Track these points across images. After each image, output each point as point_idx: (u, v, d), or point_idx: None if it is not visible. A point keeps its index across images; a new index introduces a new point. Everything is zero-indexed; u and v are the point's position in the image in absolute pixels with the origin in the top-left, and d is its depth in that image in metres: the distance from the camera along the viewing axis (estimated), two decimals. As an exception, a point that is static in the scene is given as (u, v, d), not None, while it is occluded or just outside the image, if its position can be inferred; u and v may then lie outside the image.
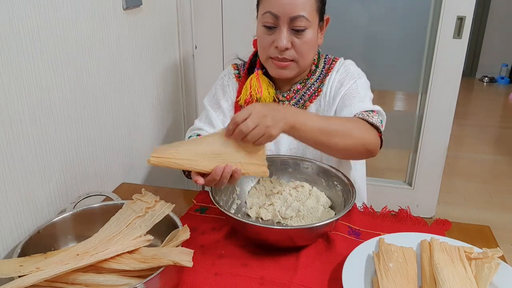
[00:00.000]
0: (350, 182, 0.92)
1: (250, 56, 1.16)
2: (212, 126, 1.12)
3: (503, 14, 4.83)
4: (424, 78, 2.01)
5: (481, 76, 5.11)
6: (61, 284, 0.67)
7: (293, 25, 0.96)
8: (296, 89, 1.10)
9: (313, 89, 1.10)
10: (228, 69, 1.19)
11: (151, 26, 1.35)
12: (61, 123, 0.95)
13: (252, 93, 1.09)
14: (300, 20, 0.96)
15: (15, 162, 0.82)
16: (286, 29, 0.97)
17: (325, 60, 1.13)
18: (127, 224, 0.77)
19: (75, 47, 0.98)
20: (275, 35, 0.99)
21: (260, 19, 1.01)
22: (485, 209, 2.47)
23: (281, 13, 0.95)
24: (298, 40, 0.98)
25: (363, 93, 1.05)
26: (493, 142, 3.44)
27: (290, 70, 1.03)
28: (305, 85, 1.10)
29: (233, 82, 1.16)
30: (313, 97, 1.10)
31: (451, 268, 0.70)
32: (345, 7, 1.95)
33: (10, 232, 0.82)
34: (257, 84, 1.09)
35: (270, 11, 0.97)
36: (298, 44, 0.99)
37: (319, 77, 1.10)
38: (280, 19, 0.96)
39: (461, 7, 1.82)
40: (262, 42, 1.02)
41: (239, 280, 0.77)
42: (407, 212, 0.96)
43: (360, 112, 0.98)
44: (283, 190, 0.98)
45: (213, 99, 1.15)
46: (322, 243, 0.86)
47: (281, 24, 0.97)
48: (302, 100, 1.10)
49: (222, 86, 1.16)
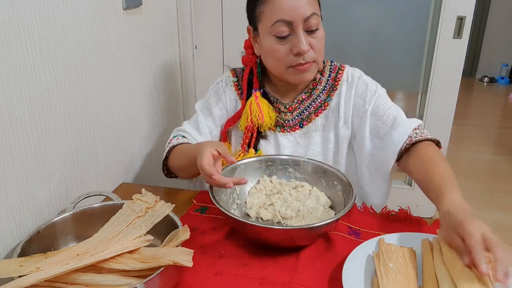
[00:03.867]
0: (350, 182, 0.92)
1: (245, 75, 1.11)
2: (199, 131, 1.11)
3: (503, 14, 4.83)
4: (424, 78, 2.01)
5: (481, 76, 5.11)
6: (61, 284, 0.66)
7: (307, 26, 0.95)
8: (301, 99, 1.08)
9: (320, 101, 1.08)
10: (226, 75, 1.16)
11: (151, 26, 1.35)
12: (61, 123, 0.95)
13: (253, 120, 1.07)
14: (313, 18, 0.94)
15: (15, 162, 0.82)
16: (301, 32, 0.95)
17: (331, 67, 1.10)
18: (127, 224, 0.77)
19: (75, 47, 0.98)
20: (291, 43, 0.96)
21: (270, 31, 0.96)
22: (485, 209, 2.47)
23: (294, 18, 0.93)
24: (314, 40, 0.97)
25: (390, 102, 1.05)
26: (493, 142, 3.44)
27: (311, 72, 1.01)
28: (310, 95, 1.08)
29: (231, 90, 1.13)
30: (320, 110, 1.08)
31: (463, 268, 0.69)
32: (345, 7, 1.94)
33: (10, 232, 0.82)
34: (258, 109, 1.06)
35: (282, 19, 0.93)
36: (315, 44, 0.97)
37: (325, 87, 1.08)
38: (294, 24, 0.94)
39: (461, 7, 1.82)
40: (277, 54, 0.98)
41: (239, 280, 0.77)
42: (407, 212, 0.96)
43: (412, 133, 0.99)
44: (283, 190, 0.98)
45: (205, 105, 1.14)
46: (322, 243, 0.86)
47: (296, 28, 0.94)
48: (306, 111, 1.08)
49: (217, 92, 1.14)
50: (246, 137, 1.10)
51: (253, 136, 1.09)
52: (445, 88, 1.96)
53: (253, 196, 0.99)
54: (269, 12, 0.95)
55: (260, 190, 1.00)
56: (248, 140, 1.10)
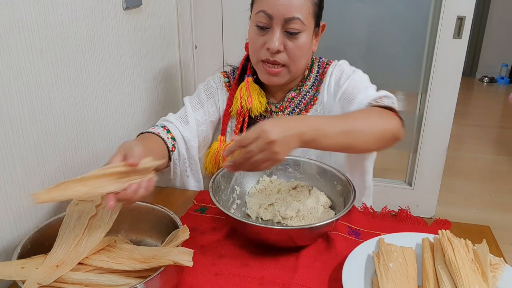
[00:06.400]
0: (350, 182, 0.92)
1: (242, 60, 1.12)
2: (186, 122, 1.08)
3: (503, 14, 4.83)
4: (424, 78, 2.01)
5: (481, 76, 5.11)
6: (61, 284, 0.67)
7: (287, 27, 0.94)
8: (291, 97, 1.08)
9: (309, 97, 1.08)
10: (217, 75, 1.16)
11: (151, 26, 1.35)
12: (61, 123, 0.95)
13: (243, 104, 1.06)
14: (295, 23, 0.93)
15: (15, 162, 0.82)
16: (279, 30, 0.94)
17: (319, 64, 1.10)
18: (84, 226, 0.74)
19: (75, 47, 0.98)
20: (268, 37, 0.96)
21: (253, 19, 0.98)
22: (485, 209, 2.47)
23: (275, 14, 0.93)
24: (291, 43, 0.96)
25: (364, 84, 1.01)
26: (493, 142, 3.44)
27: (280, 77, 1.00)
28: (299, 92, 1.08)
29: (223, 91, 1.13)
30: (309, 106, 1.08)
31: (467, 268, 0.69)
32: (346, 7, 1.95)
33: (10, 232, 0.82)
34: (247, 93, 1.06)
35: (264, 10, 0.94)
36: (291, 48, 0.96)
37: (314, 83, 1.08)
38: (274, 20, 0.94)
39: (461, 7, 1.82)
40: (254, 43, 0.99)
41: (239, 280, 0.77)
42: (407, 212, 0.96)
43: (367, 102, 0.95)
44: (283, 190, 0.98)
45: (195, 99, 1.12)
46: (322, 243, 0.86)
47: (275, 25, 0.94)
48: (297, 109, 1.08)
49: (209, 89, 1.13)
50: (239, 122, 1.10)
51: (244, 121, 1.09)
52: (445, 88, 1.96)
53: (253, 196, 0.99)
54: (259, 0, 0.96)
55: (260, 190, 1.00)
56: (240, 125, 1.10)
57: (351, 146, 0.84)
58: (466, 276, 0.66)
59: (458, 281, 0.66)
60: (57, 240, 0.73)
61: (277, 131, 0.72)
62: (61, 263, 0.69)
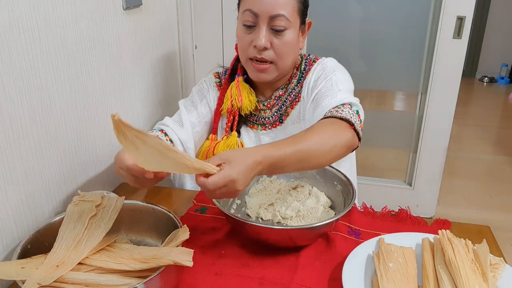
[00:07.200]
0: (350, 182, 0.92)
1: (232, 61, 1.15)
2: (181, 125, 1.10)
3: (503, 14, 4.83)
4: (424, 78, 2.01)
5: (481, 76, 5.11)
6: (61, 284, 0.67)
7: (273, 24, 0.96)
8: (278, 95, 1.10)
9: (294, 95, 1.09)
10: (209, 77, 1.18)
11: (151, 26, 1.35)
12: (61, 123, 0.95)
13: (233, 103, 1.08)
14: (280, 20, 0.95)
15: (15, 162, 0.82)
16: (265, 28, 0.96)
17: (306, 61, 1.10)
18: (85, 226, 0.75)
19: (75, 47, 0.98)
20: (254, 34, 0.98)
21: (240, 18, 1.00)
22: (485, 209, 2.47)
23: (261, 12, 0.95)
24: (278, 40, 0.97)
25: (338, 87, 1.00)
26: (493, 142, 3.44)
27: (269, 74, 1.02)
28: (286, 90, 1.09)
29: (214, 91, 1.15)
30: (294, 103, 1.09)
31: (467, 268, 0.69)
32: (345, 7, 1.94)
33: (10, 232, 0.82)
34: (237, 92, 1.08)
35: (250, 9, 0.96)
36: (278, 45, 0.98)
37: (299, 81, 1.09)
38: (260, 18, 0.96)
39: (461, 7, 1.82)
40: (242, 42, 1.01)
41: (239, 280, 0.77)
42: (407, 212, 0.96)
43: (328, 110, 0.94)
44: (283, 190, 0.98)
45: (188, 101, 1.14)
46: (322, 243, 0.86)
47: (261, 23, 0.96)
48: (284, 106, 1.10)
49: (201, 91, 1.16)
50: (229, 120, 1.12)
51: (235, 119, 1.11)
52: (445, 88, 1.96)
53: (253, 196, 0.99)
54: (245, 0, 0.98)
55: (260, 190, 1.01)
56: (230, 123, 1.11)
57: (306, 167, 0.85)
58: (466, 276, 0.67)
59: (458, 281, 0.66)
60: (57, 240, 0.74)
61: (243, 180, 0.71)
62: (61, 263, 0.69)
